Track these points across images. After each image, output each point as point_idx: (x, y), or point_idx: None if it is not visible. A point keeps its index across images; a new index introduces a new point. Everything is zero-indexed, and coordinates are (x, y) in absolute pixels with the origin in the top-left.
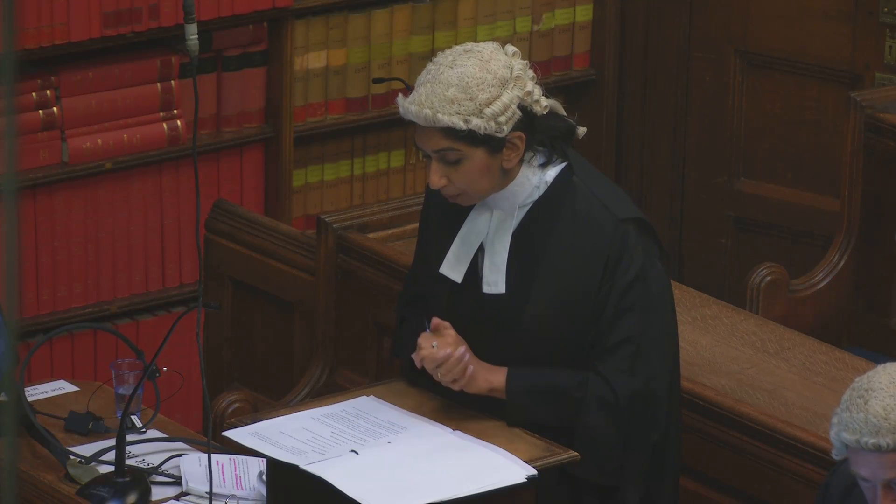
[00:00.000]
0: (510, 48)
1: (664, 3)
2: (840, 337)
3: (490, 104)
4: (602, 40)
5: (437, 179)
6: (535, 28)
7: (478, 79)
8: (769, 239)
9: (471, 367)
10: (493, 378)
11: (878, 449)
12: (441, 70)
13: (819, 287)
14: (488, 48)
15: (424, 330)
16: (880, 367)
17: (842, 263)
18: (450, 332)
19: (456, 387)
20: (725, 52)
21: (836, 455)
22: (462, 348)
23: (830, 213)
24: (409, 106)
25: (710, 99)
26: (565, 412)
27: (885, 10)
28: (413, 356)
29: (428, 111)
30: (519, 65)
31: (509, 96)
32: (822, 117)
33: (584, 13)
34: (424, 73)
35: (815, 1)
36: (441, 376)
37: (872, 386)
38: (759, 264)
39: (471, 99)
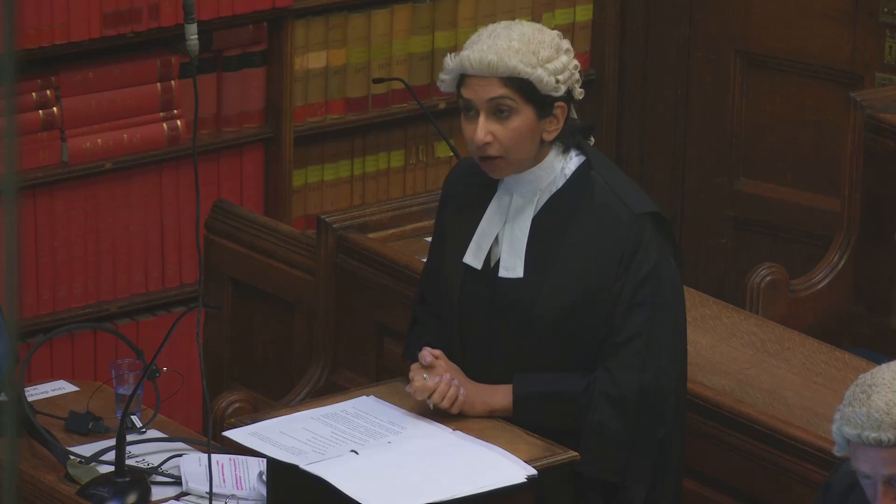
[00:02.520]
0: (554, 32)
1: (664, 3)
2: (840, 337)
3: (551, 61)
4: (602, 40)
5: (482, 134)
6: None
7: (538, 39)
8: (769, 239)
9: (462, 390)
10: (491, 400)
11: (879, 444)
12: (498, 30)
13: (819, 287)
14: (536, 24)
15: (432, 334)
16: (884, 365)
17: (842, 263)
18: (440, 363)
19: (454, 410)
20: (725, 52)
21: (837, 451)
22: (449, 374)
23: (830, 213)
24: (468, 55)
25: (710, 99)
26: (572, 416)
27: (885, 10)
28: (406, 389)
29: (493, 57)
30: (566, 42)
31: (566, 60)
32: (822, 117)
33: (584, 13)
34: (475, 36)
35: (815, 1)
36: (434, 404)
37: (875, 382)
38: (759, 264)
39: (534, 53)
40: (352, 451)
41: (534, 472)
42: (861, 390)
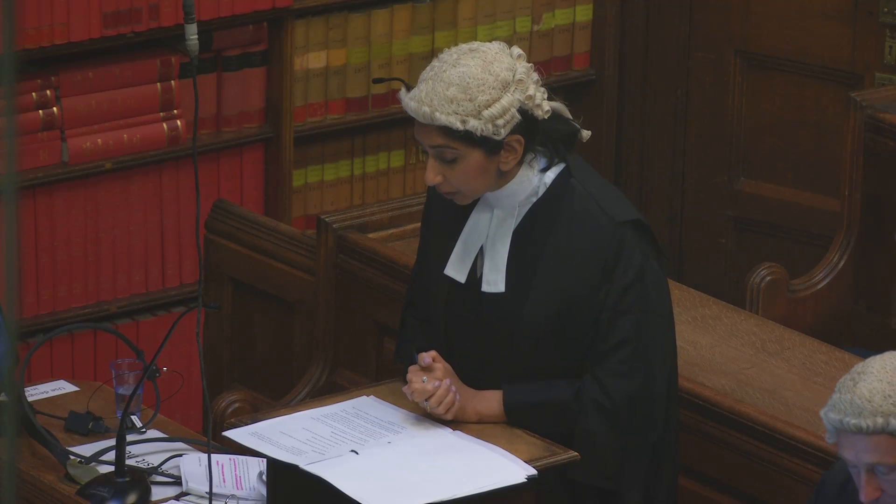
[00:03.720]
0: (516, 50)
1: (664, 3)
2: (840, 337)
3: (489, 106)
4: (602, 40)
5: (432, 176)
6: (535, 28)
7: (479, 80)
8: (769, 239)
9: (458, 396)
10: (481, 407)
11: (859, 430)
12: (444, 68)
13: (819, 287)
14: (493, 49)
15: (420, 337)
16: (879, 355)
17: (842, 263)
18: (438, 365)
19: (448, 416)
20: (725, 52)
21: (828, 439)
22: (448, 379)
23: (830, 213)
24: (409, 102)
25: (710, 99)
26: (563, 424)
27: (885, 10)
28: (403, 389)
29: (426, 108)
30: (522, 68)
31: (509, 99)
32: (822, 117)
33: (584, 13)
34: (428, 69)
35: (815, 1)
36: (431, 408)
37: (865, 370)
38: (759, 264)
39: (470, 100)
40: (352, 451)
41: (534, 472)
42: (850, 378)
